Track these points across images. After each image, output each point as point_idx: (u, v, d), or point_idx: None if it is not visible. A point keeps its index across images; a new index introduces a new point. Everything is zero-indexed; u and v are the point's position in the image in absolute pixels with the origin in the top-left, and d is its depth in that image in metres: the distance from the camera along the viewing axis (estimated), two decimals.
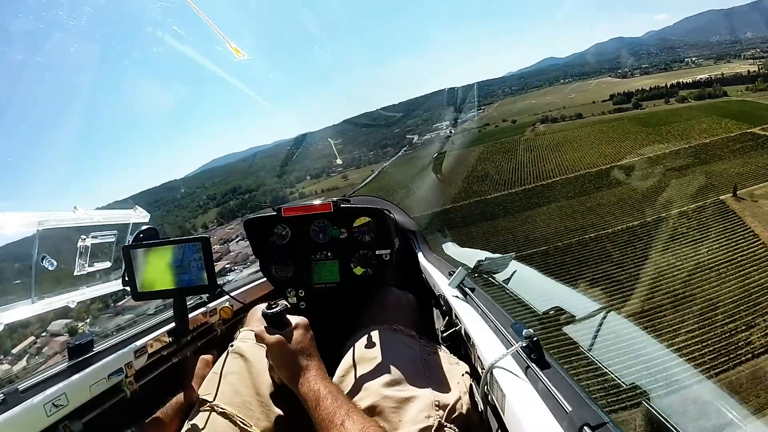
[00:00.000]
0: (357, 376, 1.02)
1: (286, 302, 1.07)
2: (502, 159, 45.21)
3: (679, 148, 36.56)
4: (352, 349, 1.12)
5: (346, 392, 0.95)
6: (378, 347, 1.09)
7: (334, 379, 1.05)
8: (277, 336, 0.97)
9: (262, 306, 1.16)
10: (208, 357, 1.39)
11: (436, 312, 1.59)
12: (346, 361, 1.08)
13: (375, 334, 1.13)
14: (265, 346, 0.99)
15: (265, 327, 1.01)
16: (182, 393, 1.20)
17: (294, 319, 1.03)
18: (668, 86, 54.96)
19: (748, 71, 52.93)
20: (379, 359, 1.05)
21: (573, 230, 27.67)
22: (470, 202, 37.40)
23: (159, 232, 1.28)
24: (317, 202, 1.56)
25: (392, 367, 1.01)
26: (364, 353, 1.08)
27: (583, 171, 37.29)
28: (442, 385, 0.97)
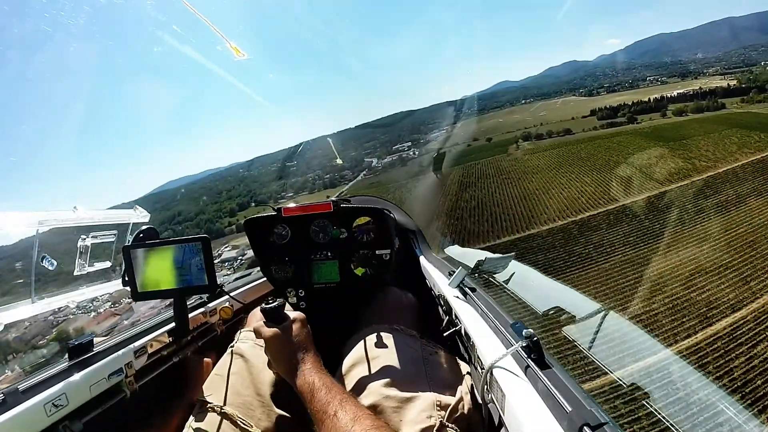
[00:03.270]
0: (358, 376, 1.02)
1: (286, 302, 1.07)
2: (496, 185, 34.51)
3: (734, 166, 28.92)
4: (353, 348, 1.12)
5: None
6: (379, 347, 1.09)
7: (335, 378, 1.05)
8: (274, 330, 0.98)
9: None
10: (209, 360, 1.39)
11: (436, 312, 1.59)
12: (347, 360, 1.08)
13: (376, 334, 1.13)
14: (263, 341, 1.00)
15: (263, 321, 1.01)
16: (183, 393, 1.20)
17: (291, 314, 1.04)
18: (652, 100, 54.48)
19: (729, 85, 53.18)
20: (381, 359, 1.05)
21: (681, 310, 16.52)
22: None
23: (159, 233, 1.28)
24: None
25: (393, 367, 1.01)
26: (366, 353, 1.08)
27: (628, 200, 26.16)
28: (444, 386, 0.97)
